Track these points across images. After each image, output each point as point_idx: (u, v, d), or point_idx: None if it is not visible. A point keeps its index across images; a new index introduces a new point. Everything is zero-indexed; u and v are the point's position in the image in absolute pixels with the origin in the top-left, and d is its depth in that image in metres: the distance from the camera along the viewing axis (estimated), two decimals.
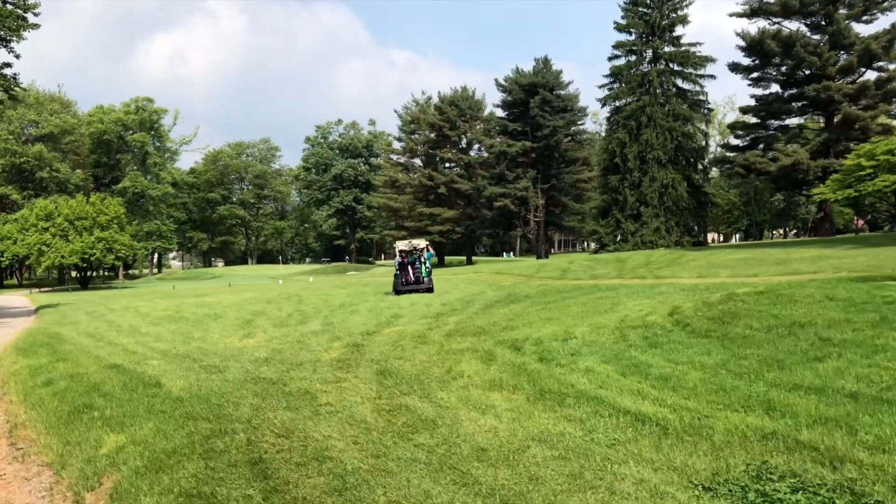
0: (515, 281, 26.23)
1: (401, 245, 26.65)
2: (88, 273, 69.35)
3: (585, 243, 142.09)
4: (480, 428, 5.91)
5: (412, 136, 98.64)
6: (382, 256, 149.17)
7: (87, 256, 61.88)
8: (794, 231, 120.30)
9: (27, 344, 14.39)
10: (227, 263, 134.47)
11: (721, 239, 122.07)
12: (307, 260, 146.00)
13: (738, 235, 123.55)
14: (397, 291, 24.33)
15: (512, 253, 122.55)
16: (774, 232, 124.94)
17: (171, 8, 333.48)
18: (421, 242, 26.53)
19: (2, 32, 30.51)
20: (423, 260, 25.69)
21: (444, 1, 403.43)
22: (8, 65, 31.73)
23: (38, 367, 10.11)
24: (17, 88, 32.57)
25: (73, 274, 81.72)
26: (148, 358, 10.48)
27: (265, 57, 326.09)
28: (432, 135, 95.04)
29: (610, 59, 66.32)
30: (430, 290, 24.22)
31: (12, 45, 30.85)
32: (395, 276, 25.43)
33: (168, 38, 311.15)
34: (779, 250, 30.09)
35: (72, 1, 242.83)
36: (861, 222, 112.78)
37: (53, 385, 8.69)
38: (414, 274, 25.19)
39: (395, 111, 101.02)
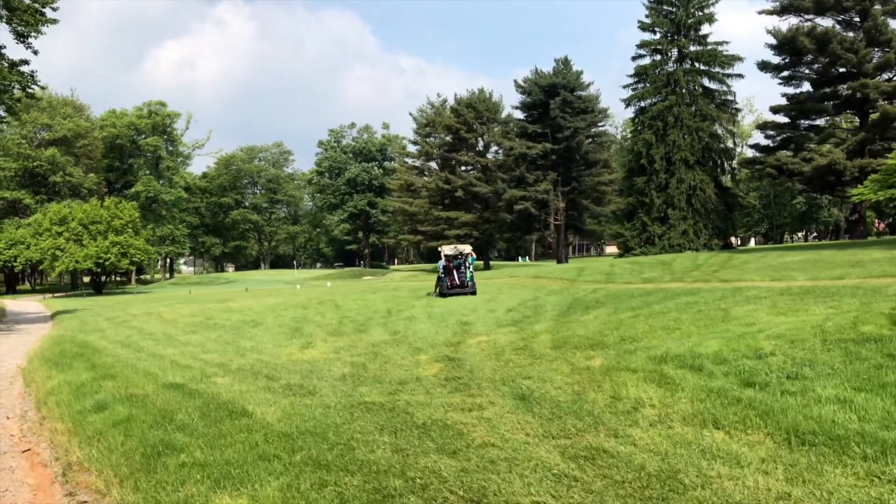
0: (562, 285, 24.73)
1: (447, 250, 27.19)
2: (102, 278, 68.13)
3: (600, 247, 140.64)
4: (753, 492, 4.33)
5: (427, 139, 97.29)
6: (395, 261, 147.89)
7: (101, 261, 60.71)
8: (815, 235, 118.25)
9: (56, 354, 13.02)
10: (237, 268, 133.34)
11: (738, 242, 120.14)
12: (318, 265, 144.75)
13: (754, 239, 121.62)
14: (443, 294, 24.95)
15: (527, 257, 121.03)
16: (795, 235, 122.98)
17: (180, 16, 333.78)
18: (466, 248, 27.46)
19: (20, 28, 29.31)
20: (467, 264, 26.71)
21: (452, 7, 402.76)
22: (25, 61, 30.49)
23: (80, 386, 8.70)
24: (34, 87, 31.29)
25: (86, 279, 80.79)
26: (208, 374, 9.06)
27: (273, 64, 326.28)
28: (448, 137, 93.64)
29: (634, 58, 64.83)
30: (473, 293, 24.91)
31: (30, 40, 29.65)
32: (440, 279, 26.14)
33: (177, 44, 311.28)
34: (834, 252, 28.51)
35: (83, 8, 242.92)
36: (882, 225, 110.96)
37: (109, 410, 7.26)
38: (459, 278, 26.00)
39: (410, 114, 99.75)
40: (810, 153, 50.89)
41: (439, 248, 28.63)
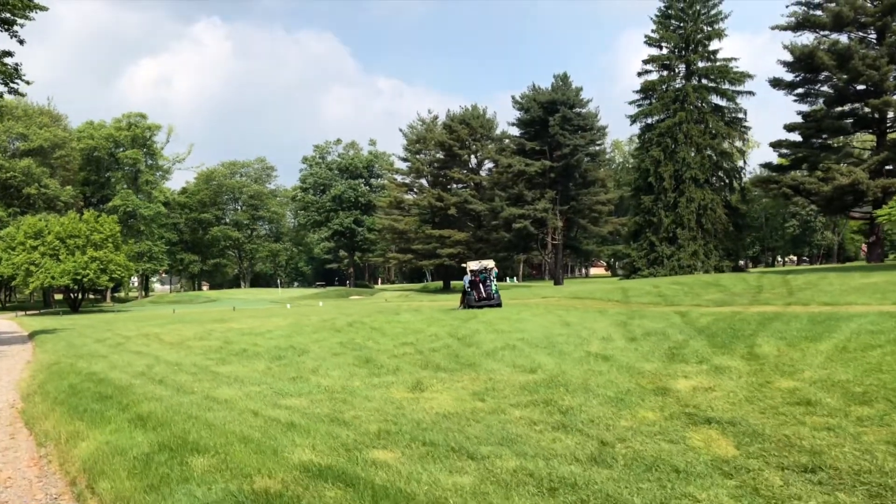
0: (623, 308, 21.97)
1: (472, 266, 28.35)
2: (79, 295, 64.24)
3: (586, 269, 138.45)
4: None
5: (418, 156, 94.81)
6: (379, 281, 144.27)
7: (79, 277, 56.93)
8: (806, 258, 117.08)
9: (65, 392, 10.01)
10: (212, 287, 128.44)
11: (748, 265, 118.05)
12: (295, 284, 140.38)
13: (741, 262, 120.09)
14: (470, 306, 26.31)
15: (515, 278, 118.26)
16: (787, 259, 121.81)
17: (157, 34, 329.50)
18: (490, 263, 28.72)
19: (5, 14, 26.23)
20: (492, 278, 28.01)
21: (431, 31, 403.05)
22: (9, 53, 27.38)
23: (145, 460, 5.60)
24: (19, 81, 28.08)
25: (58, 297, 76.54)
26: (350, 444, 5.99)
27: (250, 83, 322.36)
28: (440, 154, 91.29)
29: (640, 74, 63.04)
30: (499, 304, 26.36)
31: (16, 28, 26.56)
32: (466, 292, 27.59)
33: (154, 62, 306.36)
34: (885, 274, 26.26)
35: (56, 24, 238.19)
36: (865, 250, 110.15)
37: None
38: (486, 290, 27.39)
39: (400, 129, 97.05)
40: (830, 172, 48.93)
41: (464, 265, 29.56)
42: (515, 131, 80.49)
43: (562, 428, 6.43)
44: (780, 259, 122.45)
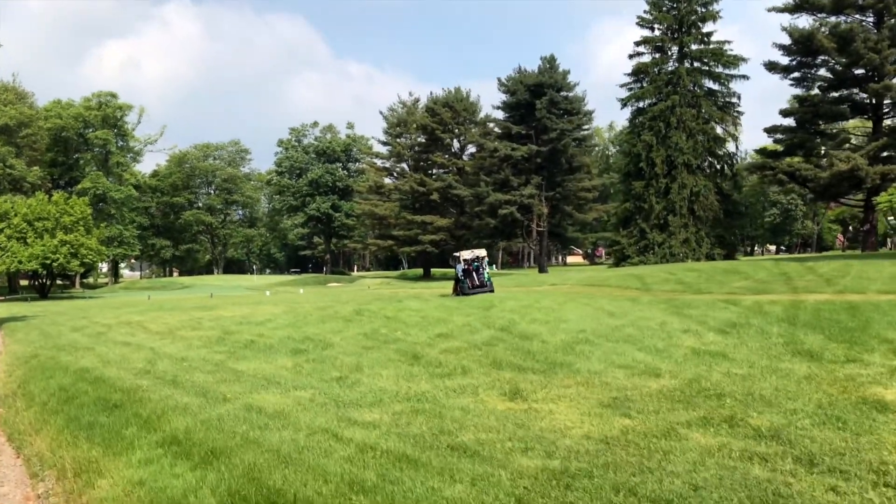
0: (646, 296, 20.38)
1: (465, 255, 29.23)
2: (48, 281, 61.34)
3: (563, 257, 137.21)
4: None
5: (398, 140, 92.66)
6: (355, 268, 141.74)
7: (48, 262, 54.15)
8: (783, 248, 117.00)
9: (53, 395, 8.10)
10: (182, 273, 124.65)
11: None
12: (267, 271, 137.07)
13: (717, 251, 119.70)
14: (464, 293, 26.85)
15: (494, 266, 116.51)
16: (768, 248, 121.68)
17: (124, 15, 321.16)
18: (482, 252, 29.89)
19: None
20: (484, 266, 29.16)
21: (403, 16, 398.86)
22: None
23: None
24: None
25: (23, 282, 73.31)
26: (536, 497, 4.26)
27: (220, 67, 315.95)
28: (421, 138, 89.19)
29: (631, 56, 61.52)
30: (492, 290, 27.30)
31: None
32: (460, 280, 28.28)
33: (121, 44, 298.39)
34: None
35: (19, 2, 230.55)
36: (842, 239, 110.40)
37: None
38: (479, 278, 28.34)
39: (381, 112, 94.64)
40: (829, 158, 47.90)
41: (456, 254, 30.35)
42: (500, 115, 78.69)
43: (807, 465, 4.70)
44: (758, 248, 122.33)
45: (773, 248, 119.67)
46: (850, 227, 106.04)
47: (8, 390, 9.67)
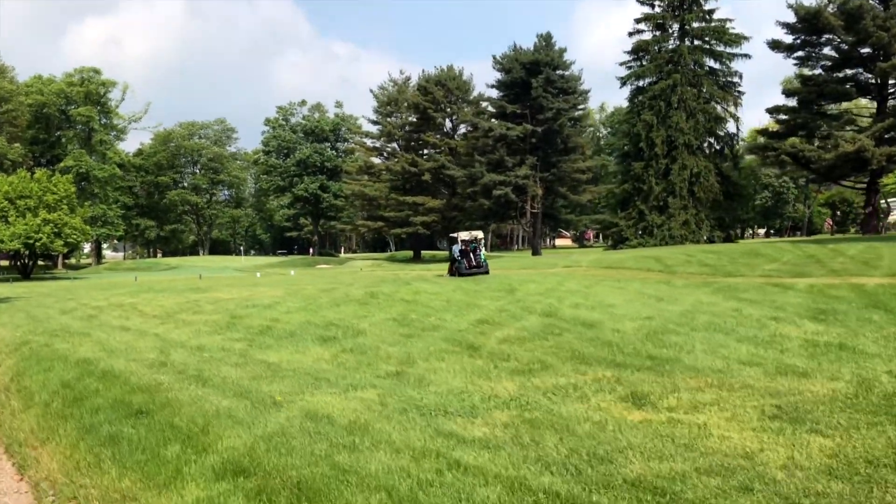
0: (680, 279, 19.25)
1: (463, 235, 29.76)
2: (30, 261, 59.44)
3: (553, 239, 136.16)
4: None
5: (389, 119, 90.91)
6: (343, 250, 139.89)
7: (31, 242, 52.29)
8: (772, 232, 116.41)
9: (57, 393, 6.81)
10: (165, 254, 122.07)
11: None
12: (252, 252, 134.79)
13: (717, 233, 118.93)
14: (461, 274, 27.16)
15: (485, 248, 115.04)
16: (757, 232, 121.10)
17: None
18: (479, 233, 30.60)
19: None
20: (480, 247, 29.57)
21: None
22: None
23: None
24: None
25: (4, 263, 71.29)
26: None
27: (203, 47, 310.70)
28: (413, 117, 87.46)
29: (631, 34, 60.16)
30: (487, 272, 27.67)
31: None
32: (457, 261, 28.48)
33: (101, 21, 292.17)
34: None
35: None
36: (830, 223, 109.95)
37: None
38: (475, 259, 28.66)
39: (371, 90, 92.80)
40: (834, 139, 46.92)
41: (454, 234, 30.89)
42: (494, 93, 77.02)
43: None
44: (749, 231, 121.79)
45: (761, 231, 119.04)
46: (839, 212, 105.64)
47: (0, 385, 8.37)
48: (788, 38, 52.64)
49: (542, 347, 8.04)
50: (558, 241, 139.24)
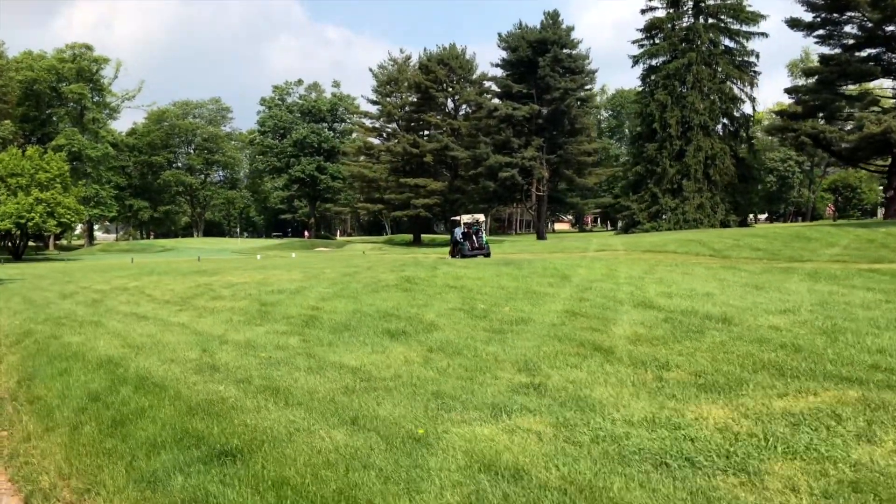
0: (748, 264, 17.65)
1: (466, 219, 31.09)
2: (22, 241, 57.49)
3: (552, 223, 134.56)
4: None
5: (389, 99, 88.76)
6: (339, 232, 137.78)
7: (23, 221, 50.39)
8: (772, 217, 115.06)
9: (85, 410, 5.18)
10: (159, 236, 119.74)
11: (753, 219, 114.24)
12: (245, 234, 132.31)
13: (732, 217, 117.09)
14: (464, 255, 28.21)
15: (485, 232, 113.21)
16: (758, 217, 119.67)
17: None
18: (480, 217, 32.64)
19: None
20: (483, 230, 31.26)
21: None
22: None
23: None
24: None
25: None
26: None
27: (195, 31, 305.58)
28: (414, 97, 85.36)
29: (644, 11, 58.32)
30: (488, 254, 28.59)
31: None
32: (459, 243, 30.08)
33: (91, 4, 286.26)
34: None
35: None
36: (832, 209, 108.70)
37: None
38: (478, 241, 30.09)
39: (371, 69, 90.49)
40: (858, 120, 45.40)
41: (456, 217, 32.20)
42: (499, 72, 74.93)
43: None
44: (752, 216, 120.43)
45: (762, 216, 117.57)
46: (840, 197, 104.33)
47: (4, 391, 6.67)
48: (808, 16, 50.97)
49: (699, 351, 6.33)
50: (557, 226, 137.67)
